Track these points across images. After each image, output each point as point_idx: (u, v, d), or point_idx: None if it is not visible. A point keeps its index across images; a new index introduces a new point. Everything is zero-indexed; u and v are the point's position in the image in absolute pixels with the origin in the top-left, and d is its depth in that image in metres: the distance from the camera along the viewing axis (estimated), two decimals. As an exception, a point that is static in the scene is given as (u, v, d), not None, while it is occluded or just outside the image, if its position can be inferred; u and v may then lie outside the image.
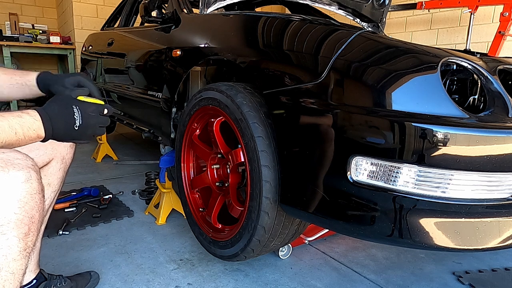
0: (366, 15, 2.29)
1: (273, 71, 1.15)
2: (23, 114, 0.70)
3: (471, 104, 1.14)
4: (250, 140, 1.14)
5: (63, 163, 1.13)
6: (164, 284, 1.30)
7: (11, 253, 0.66)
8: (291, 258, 1.50)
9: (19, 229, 0.67)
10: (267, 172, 1.12)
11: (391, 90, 0.88)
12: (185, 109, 1.53)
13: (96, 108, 0.80)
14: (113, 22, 3.47)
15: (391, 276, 1.40)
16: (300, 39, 1.12)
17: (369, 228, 0.93)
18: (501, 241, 0.90)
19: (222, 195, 1.43)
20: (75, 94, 0.81)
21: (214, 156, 1.45)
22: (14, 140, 0.67)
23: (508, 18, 2.76)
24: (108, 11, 3.94)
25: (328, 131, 0.96)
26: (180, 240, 1.63)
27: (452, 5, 3.17)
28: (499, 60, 1.15)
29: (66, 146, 1.13)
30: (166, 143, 1.98)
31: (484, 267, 1.48)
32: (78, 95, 0.81)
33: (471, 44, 3.18)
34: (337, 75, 0.97)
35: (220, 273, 1.38)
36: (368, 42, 0.99)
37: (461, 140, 0.83)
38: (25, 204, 0.68)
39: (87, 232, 1.69)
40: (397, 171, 0.88)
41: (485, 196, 0.90)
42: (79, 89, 0.82)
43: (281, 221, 1.18)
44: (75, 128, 0.76)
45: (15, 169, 0.67)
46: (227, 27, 1.52)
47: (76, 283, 1.21)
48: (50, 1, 5.48)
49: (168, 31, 1.89)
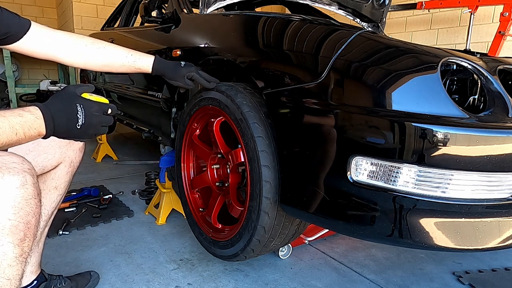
0: (366, 15, 2.29)
1: (273, 71, 1.15)
2: (25, 112, 0.68)
3: (471, 104, 1.14)
4: (250, 140, 1.14)
5: (71, 167, 1.11)
6: (164, 284, 1.30)
7: (6, 259, 0.66)
8: (291, 258, 1.50)
9: (14, 235, 0.66)
10: (267, 172, 1.12)
11: (391, 90, 0.88)
12: (185, 109, 1.53)
13: (100, 107, 0.78)
14: (113, 22, 3.47)
15: (391, 276, 1.40)
16: (300, 39, 1.12)
17: (369, 228, 0.93)
18: (501, 241, 0.90)
19: (222, 195, 1.43)
20: (80, 91, 0.78)
21: (214, 156, 1.45)
22: (15, 140, 0.66)
23: (508, 18, 2.75)
24: (108, 11, 3.94)
25: (328, 131, 0.96)
26: (180, 240, 1.63)
27: (452, 5, 3.17)
28: (499, 60, 1.15)
29: (75, 150, 1.11)
30: (166, 143, 1.98)
31: (484, 267, 1.48)
32: (83, 92, 0.79)
33: (471, 44, 3.18)
34: (337, 75, 0.96)
35: (220, 273, 1.38)
36: (368, 42, 0.99)
37: (461, 140, 0.83)
38: (20, 209, 0.67)
39: (87, 232, 1.69)
40: (397, 171, 0.88)
41: (485, 196, 0.89)
42: (84, 85, 0.80)
43: (281, 221, 1.18)
44: (77, 127, 0.74)
45: (10, 174, 0.66)
46: (227, 27, 1.52)
47: (76, 283, 1.21)
48: (50, 1, 5.48)
49: (168, 31, 1.89)
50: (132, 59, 1.14)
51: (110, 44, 1.14)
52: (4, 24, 0.94)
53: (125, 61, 1.13)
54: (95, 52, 1.09)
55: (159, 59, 1.20)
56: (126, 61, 1.14)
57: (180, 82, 1.22)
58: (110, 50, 1.11)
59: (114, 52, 1.12)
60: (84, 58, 1.09)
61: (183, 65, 1.22)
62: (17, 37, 0.98)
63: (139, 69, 1.17)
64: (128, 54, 1.14)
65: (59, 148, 1.07)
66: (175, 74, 1.21)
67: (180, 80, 1.21)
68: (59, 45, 1.05)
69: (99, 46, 1.10)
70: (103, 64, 1.12)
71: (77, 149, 1.12)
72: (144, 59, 1.17)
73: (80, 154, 1.14)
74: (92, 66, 1.12)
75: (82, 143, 1.13)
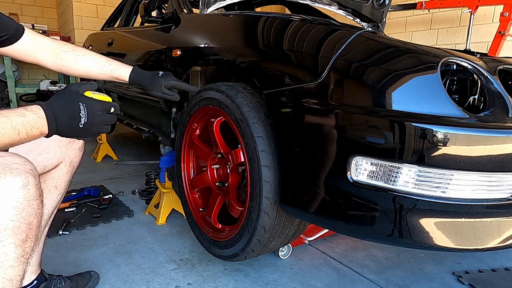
0: (366, 15, 2.29)
1: (273, 71, 1.15)
2: (27, 112, 0.67)
3: (471, 104, 1.14)
4: (250, 140, 1.14)
5: (71, 166, 1.12)
6: (164, 284, 1.30)
7: (8, 260, 0.66)
8: (291, 258, 1.50)
9: (16, 236, 0.66)
10: (267, 172, 1.12)
11: (391, 90, 0.88)
12: (185, 109, 1.53)
13: (103, 106, 0.77)
14: (113, 22, 3.47)
15: (391, 276, 1.40)
16: (300, 39, 1.12)
17: (369, 228, 0.93)
18: (501, 241, 0.90)
19: (222, 195, 1.43)
20: (83, 89, 0.77)
21: (214, 156, 1.45)
22: (17, 140, 0.66)
23: (508, 18, 2.75)
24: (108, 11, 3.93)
25: (328, 131, 0.96)
26: (180, 240, 1.63)
27: (452, 5, 3.17)
28: (499, 60, 1.15)
29: (75, 149, 1.12)
30: (166, 143, 1.98)
31: (484, 267, 1.48)
32: (86, 90, 0.78)
33: (471, 44, 3.18)
34: (337, 75, 0.97)
35: (220, 273, 1.38)
36: (368, 42, 0.99)
37: (461, 140, 0.83)
38: (22, 210, 0.67)
39: (87, 232, 1.69)
40: (397, 171, 0.88)
41: (485, 196, 0.89)
42: (87, 83, 0.79)
43: (281, 221, 1.18)
44: (80, 125, 0.74)
45: (12, 175, 0.66)
46: (227, 27, 1.52)
47: (76, 283, 1.21)
48: (50, 1, 5.48)
49: (168, 31, 1.89)
50: (110, 68, 1.16)
51: (90, 52, 1.16)
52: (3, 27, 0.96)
53: (102, 70, 1.16)
54: (75, 59, 1.12)
55: (137, 69, 1.19)
56: (103, 70, 1.16)
57: (158, 92, 1.19)
58: (89, 58, 1.14)
59: (93, 60, 1.14)
60: (63, 64, 1.12)
61: (161, 75, 1.20)
62: (11, 41, 1.01)
63: (116, 78, 1.18)
64: (107, 63, 1.16)
65: (60, 147, 1.07)
66: (152, 84, 1.19)
67: (158, 90, 1.19)
68: (43, 50, 1.09)
69: (79, 54, 1.13)
70: (83, 71, 1.14)
71: (77, 148, 1.13)
72: (121, 69, 1.18)
73: (80, 154, 1.15)
74: (73, 72, 1.14)
75: (82, 142, 1.14)
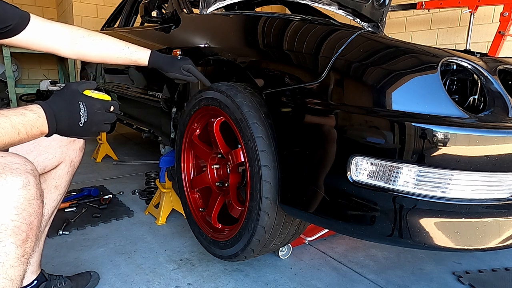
0: (366, 15, 2.29)
1: (273, 71, 1.15)
2: (26, 111, 0.67)
3: (471, 104, 1.14)
4: (250, 140, 1.14)
5: (71, 166, 1.12)
6: (164, 284, 1.30)
7: (9, 260, 0.66)
8: (291, 258, 1.50)
9: (16, 236, 0.66)
10: (267, 172, 1.12)
11: (391, 90, 0.88)
12: (185, 109, 1.53)
13: (102, 104, 0.77)
14: (113, 22, 3.47)
15: (391, 276, 1.40)
16: (300, 39, 1.12)
17: (369, 228, 0.93)
18: (501, 241, 0.90)
19: (222, 195, 1.42)
20: (82, 88, 0.77)
21: (214, 156, 1.45)
22: (17, 140, 0.66)
23: (508, 18, 2.75)
24: (108, 11, 3.94)
25: (328, 131, 0.96)
26: (180, 240, 1.63)
27: (452, 5, 3.17)
28: (499, 60, 1.15)
29: (76, 149, 1.12)
30: (166, 143, 1.98)
31: (484, 267, 1.48)
32: (85, 89, 0.78)
33: (471, 44, 3.18)
34: (337, 75, 0.96)
35: (220, 273, 1.38)
36: (368, 42, 0.99)
37: (461, 140, 0.83)
38: (23, 210, 0.67)
39: (87, 232, 1.69)
40: (397, 171, 0.88)
41: (485, 196, 0.89)
42: (87, 82, 0.79)
43: (281, 221, 1.18)
44: (80, 124, 0.73)
45: (12, 175, 0.66)
46: (227, 27, 1.52)
47: (76, 283, 1.21)
48: (50, 1, 5.48)
49: (168, 31, 1.89)
50: (129, 52, 1.16)
51: (107, 36, 1.15)
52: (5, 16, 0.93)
53: (121, 53, 1.15)
54: (92, 43, 1.10)
55: (156, 52, 1.23)
56: (122, 53, 1.15)
57: (177, 73, 1.24)
58: (106, 42, 1.13)
59: (111, 44, 1.14)
60: (81, 49, 1.10)
61: (180, 58, 1.26)
62: (18, 30, 0.98)
63: (135, 61, 1.18)
64: (125, 47, 1.16)
65: (60, 147, 1.07)
66: (172, 66, 1.23)
67: (177, 71, 1.23)
68: (57, 37, 1.06)
69: (96, 38, 1.11)
70: (100, 56, 1.13)
71: (78, 148, 1.12)
72: (140, 52, 1.19)
73: (80, 154, 1.14)
74: (89, 58, 1.13)
75: (82, 142, 1.14)
